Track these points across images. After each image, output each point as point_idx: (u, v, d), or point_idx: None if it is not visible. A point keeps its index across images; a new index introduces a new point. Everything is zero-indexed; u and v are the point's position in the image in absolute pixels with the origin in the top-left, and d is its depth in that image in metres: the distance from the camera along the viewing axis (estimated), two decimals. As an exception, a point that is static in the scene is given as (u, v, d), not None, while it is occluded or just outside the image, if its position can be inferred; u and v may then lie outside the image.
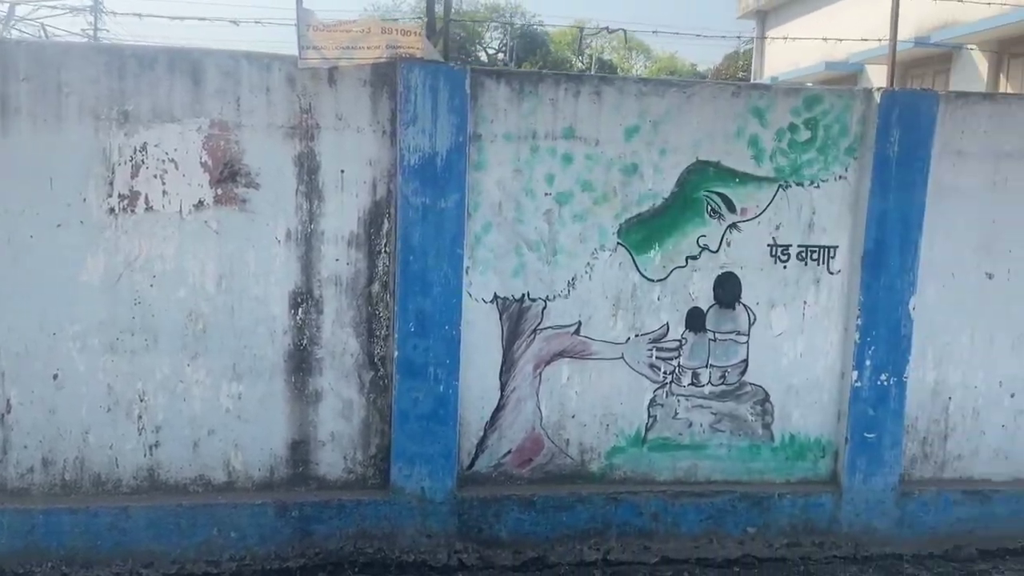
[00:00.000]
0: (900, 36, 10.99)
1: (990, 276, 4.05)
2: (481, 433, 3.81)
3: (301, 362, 3.65)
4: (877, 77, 12.74)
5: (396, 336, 3.62)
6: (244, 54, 3.51)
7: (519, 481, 3.86)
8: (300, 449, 3.71)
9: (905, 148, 3.85)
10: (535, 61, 33.36)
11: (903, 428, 4.02)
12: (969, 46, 10.72)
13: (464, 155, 3.58)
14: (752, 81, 17.34)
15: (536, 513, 3.79)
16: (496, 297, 3.75)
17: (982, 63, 10.58)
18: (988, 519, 4.08)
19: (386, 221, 3.63)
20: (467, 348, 3.70)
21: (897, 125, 3.84)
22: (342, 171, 3.58)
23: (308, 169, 3.56)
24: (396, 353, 3.62)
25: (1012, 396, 4.13)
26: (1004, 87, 10.44)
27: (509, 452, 3.84)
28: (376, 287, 3.67)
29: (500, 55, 36.64)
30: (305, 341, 3.65)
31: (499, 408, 3.81)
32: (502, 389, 3.80)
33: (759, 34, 17.14)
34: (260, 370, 3.63)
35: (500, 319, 3.76)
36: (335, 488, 3.75)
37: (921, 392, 4.07)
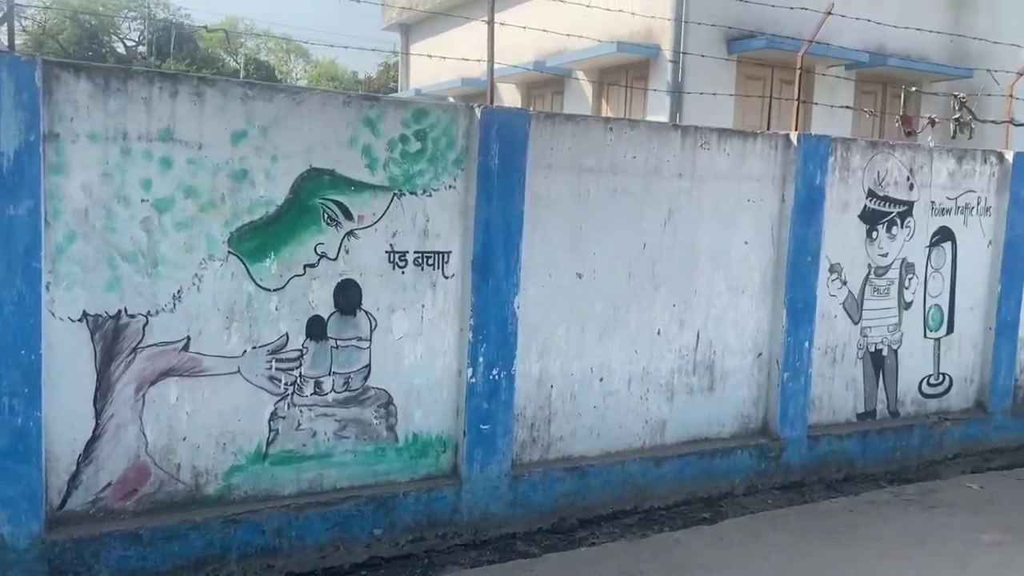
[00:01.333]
0: (525, 59, 12.06)
1: (579, 276, 4.58)
2: (74, 467, 3.40)
3: None
4: (507, 93, 13.89)
5: (-46, 366, 3.09)
6: None
7: (123, 515, 3.51)
8: None
9: (504, 161, 4.19)
10: (182, 57, 31.01)
11: (514, 417, 4.38)
12: (577, 73, 12.12)
13: (38, 156, 3.17)
14: (399, 92, 17.87)
15: (143, 547, 3.47)
16: (86, 315, 3.37)
17: (588, 88, 12.01)
18: (585, 491, 4.60)
19: (-65, 231, 3.08)
20: (51, 373, 3.28)
21: (496, 140, 4.17)
22: None
23: None
24: (-46, 385, 3.10)
25: (601, 380, 4.71)
26: (605, 111, 11.96)
27: (109, 484, 3.48)
28: (-76, 309, 3.09)
29: (141, 48, 33.49)
30: None
31: (94, 438, 3.43)
32: (97, 416, 3.42)
33: (403, 48, 17.66)
34: None
35: (92, 339, 3.39)
36: None
37: (528, 383, 4.47)
